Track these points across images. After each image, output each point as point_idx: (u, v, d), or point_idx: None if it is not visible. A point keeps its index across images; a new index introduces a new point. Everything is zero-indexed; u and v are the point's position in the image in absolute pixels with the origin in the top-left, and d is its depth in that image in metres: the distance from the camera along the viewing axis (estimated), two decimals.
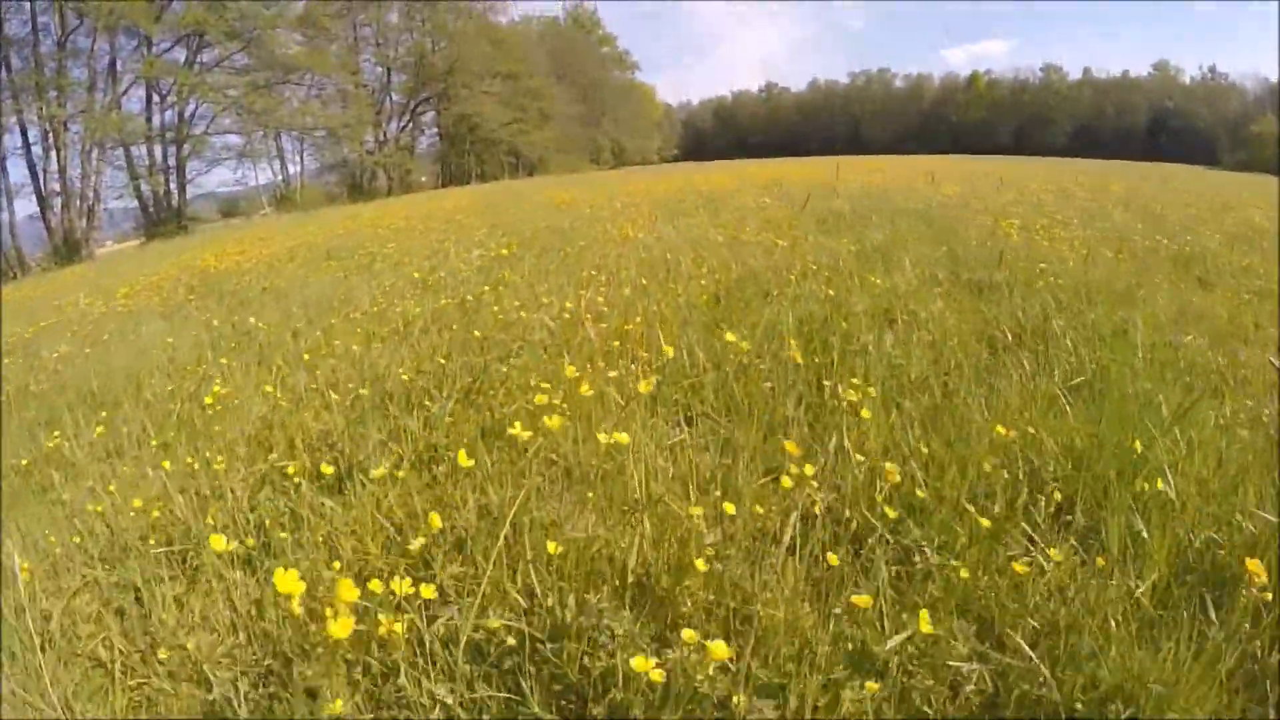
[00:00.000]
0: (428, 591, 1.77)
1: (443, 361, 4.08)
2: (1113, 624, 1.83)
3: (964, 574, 1.98)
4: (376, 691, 1.80)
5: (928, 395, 3.35)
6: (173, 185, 32.97)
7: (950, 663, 1.73)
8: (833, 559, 1.98)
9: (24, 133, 29.71)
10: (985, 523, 2.10)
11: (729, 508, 2.09)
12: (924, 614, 1.71)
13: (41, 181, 30.30)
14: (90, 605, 2.29)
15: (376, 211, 21.14)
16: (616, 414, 2.83)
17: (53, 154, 29.98)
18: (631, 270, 6.10)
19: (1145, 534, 2.16)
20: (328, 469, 2.82)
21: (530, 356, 4.01)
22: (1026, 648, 1.75)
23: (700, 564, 1.98)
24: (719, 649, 1.56)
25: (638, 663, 1.57)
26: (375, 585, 1.79)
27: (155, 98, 32.28)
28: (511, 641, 1.82)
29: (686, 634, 1.62)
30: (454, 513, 2.43)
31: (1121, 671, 1.69)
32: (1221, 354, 3.99)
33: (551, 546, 2.03)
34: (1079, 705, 1.66)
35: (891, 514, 2.20)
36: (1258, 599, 1.79)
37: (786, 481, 2.05)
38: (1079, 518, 2.32)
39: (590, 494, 2.35)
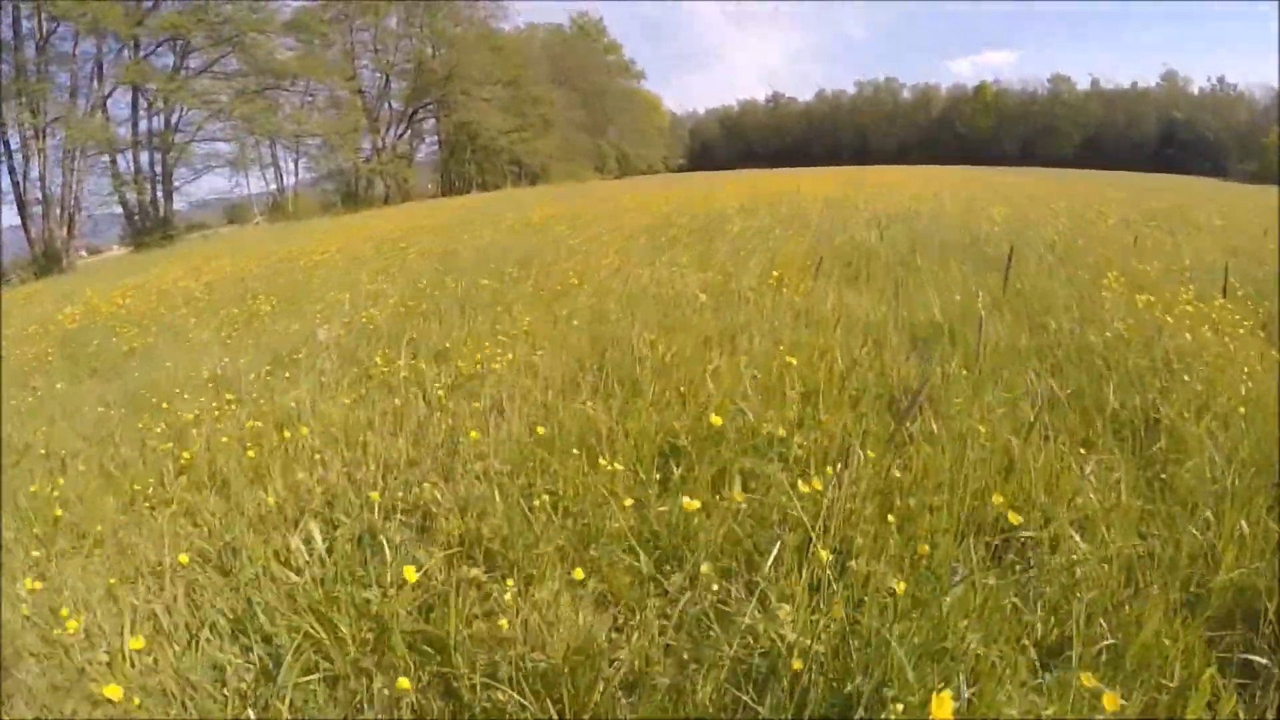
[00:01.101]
0: None
1: None
2: None
3: None
4: None
5: None
6: (159, 193, 31.02)
7: None
8: None
9: (4, 140, 27.87)
10: None
11: None
12: None
13: (22, 189, 28.44)
14: None
15: (327, 233, 19.14)
16: None
17: (33, 161, 28.13)
18: (535, 386, 4.03)
19: None
20: None
21: None
22: None
23: None
24: None
25: None
26: None
27: (143, 103, 30.43)
28: None
29: None
30: None
31: None
32: None
33: None
34: None
35: None
36: None
37: None
38: None
39: None
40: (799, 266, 6.70)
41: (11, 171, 28.34)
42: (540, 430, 3.19)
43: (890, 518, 2.35)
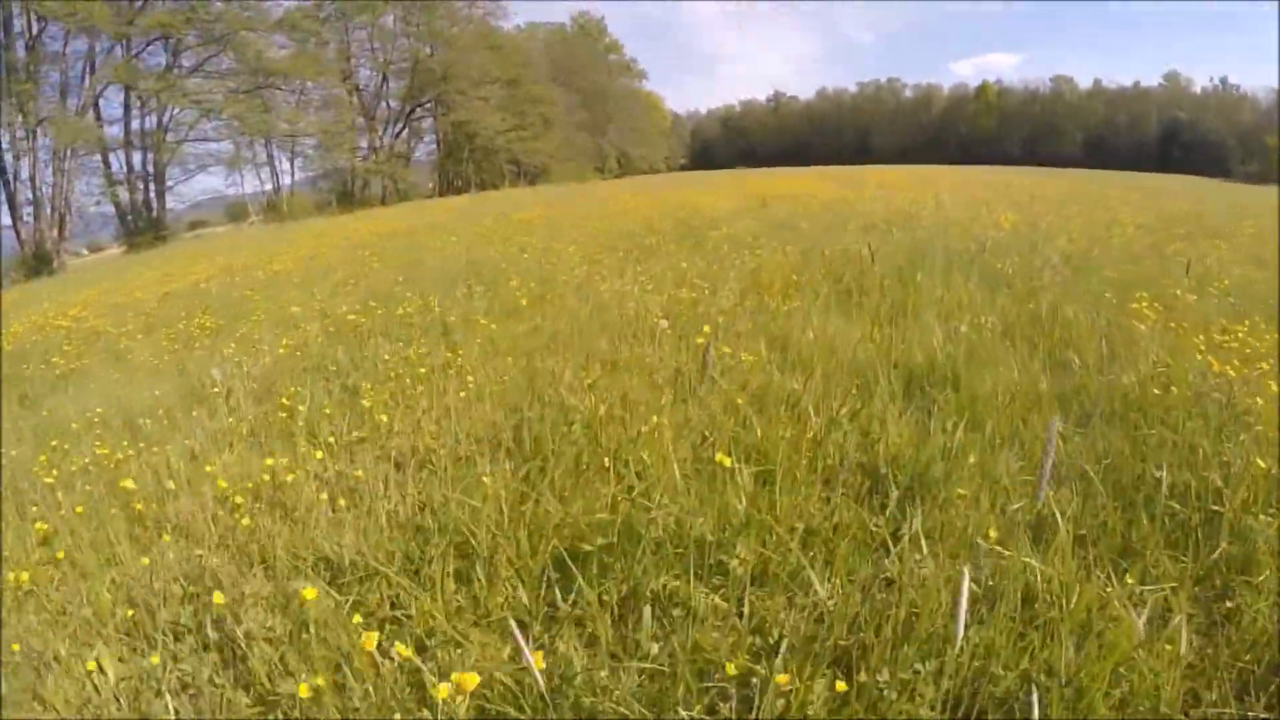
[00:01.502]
0: None
1: None
2: None
3: None
4: None
5: None
6: (152, 193, 30.31)
7: None
8: None
9: None
10: None
11: None
12: None
13: (13, 189, 27.76)
14: None
15: (311, 235, 18.37)
16: None
17: (24, 161, 27.45)
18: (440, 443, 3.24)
19: None
20: None
21: None
22: None
23: None
24: None
25: None
26: None
27: (135, 103, 29.68)
28: None
29: None
30: None
31: None
32: None
33: None
34: None
35: None
36: None
37: None
38: None
39: None
40: (784, 282, 5.88)
41: (2, 172, 27.68)
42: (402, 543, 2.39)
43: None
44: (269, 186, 35.49)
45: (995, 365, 3.68)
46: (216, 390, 4.81)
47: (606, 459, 2.78)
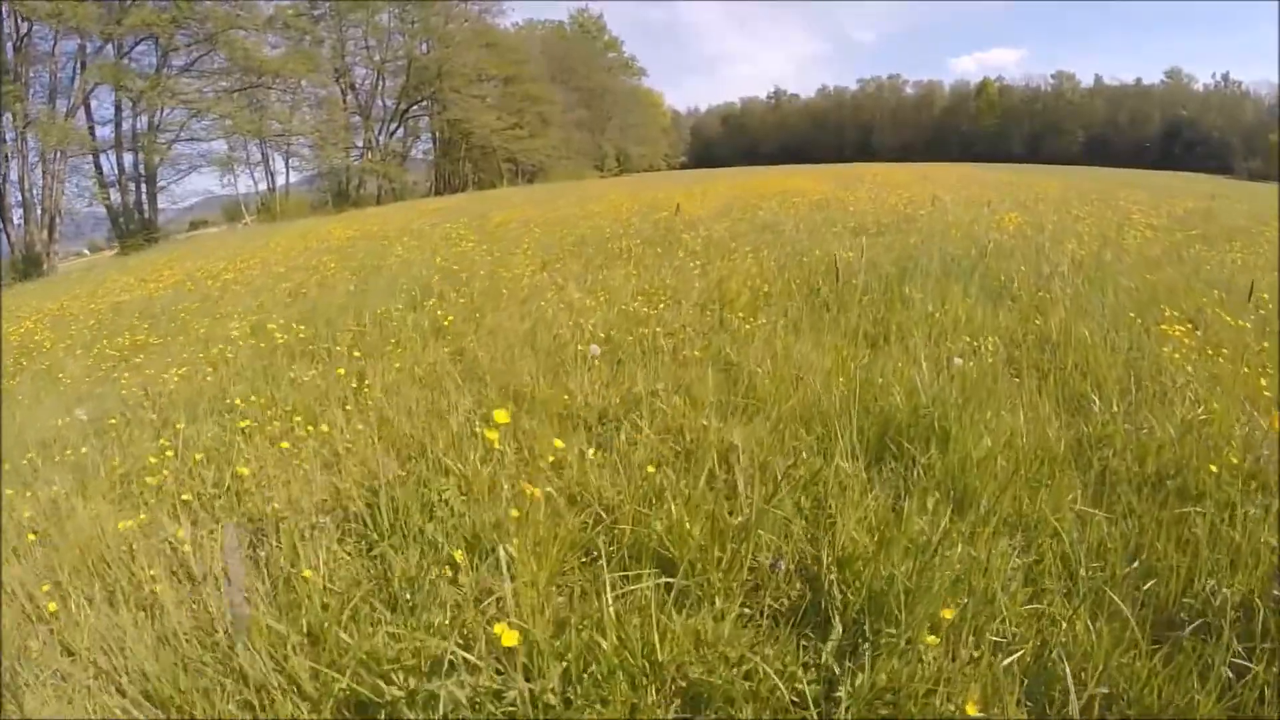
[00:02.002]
0: None
1: None
2: None
3: None
4: None
5: None
6: (144, 194, 29.58)
7: None
8: None
9: None
10: None
11: None
12: None
13: (2, 191, 27.07)
14: None
15: (290, 237, 17.63)
16: None
17: (13, 163, 26.73)
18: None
19: None
20: None
21: None
22: None
23: None
24: None
25: None
26: None
27: (126, 104, 28.93)
28: None
29: None
30: None
31: None
32: None
33: None
34: None
35: None
36: None
37: None
38: None
39: None
40: (751, 294, 5.09)
41: None
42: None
43: None
44: (264, 186, 34.73)
45: (996, 407, 2.89)
46: (114, 423, 4.12)
47: (460, 553, 2.01)
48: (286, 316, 6.51)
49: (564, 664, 1.57)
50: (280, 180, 35.33)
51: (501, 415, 1.86)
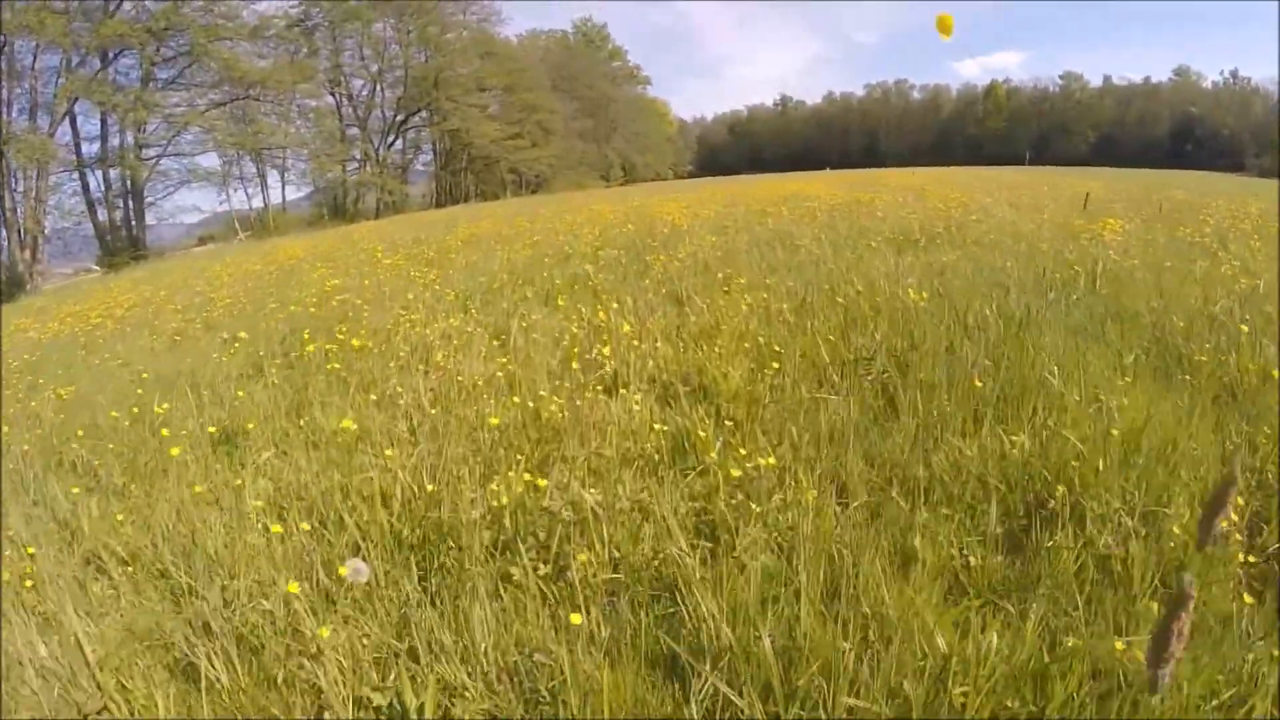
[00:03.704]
0: None
1: None
2: None
3: None
4: None
5: None
6: (131, 211, 27.74)
7: None
8: None
9: None
10: None
11: None
12: None
13: None
14: None
15: (264, 255, 15.56)
16: None
17: None
18: None
19: None
20: None
21: None
22: None
23: None
24: None
25: None
26: None
27: (112, 119, 27.10)
28: None
29: None
30: None
31: None
32: None
33: None
34: None
35: None
36: None
37: None
38: None
39: None
40: (748, 371, 2.89)
41: None
42: None
43: None
44: (259, 202, 32.84)
45: None
46: None
47: None
48: (174, 366, 4.40)
49: None
50: (276, 195, 33.51)
51: None
